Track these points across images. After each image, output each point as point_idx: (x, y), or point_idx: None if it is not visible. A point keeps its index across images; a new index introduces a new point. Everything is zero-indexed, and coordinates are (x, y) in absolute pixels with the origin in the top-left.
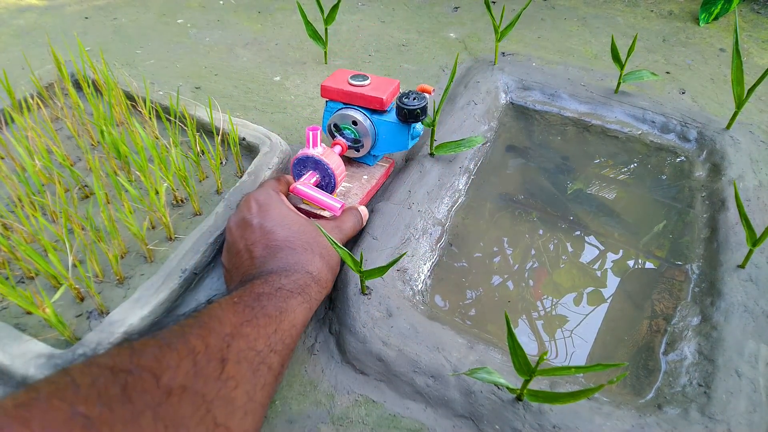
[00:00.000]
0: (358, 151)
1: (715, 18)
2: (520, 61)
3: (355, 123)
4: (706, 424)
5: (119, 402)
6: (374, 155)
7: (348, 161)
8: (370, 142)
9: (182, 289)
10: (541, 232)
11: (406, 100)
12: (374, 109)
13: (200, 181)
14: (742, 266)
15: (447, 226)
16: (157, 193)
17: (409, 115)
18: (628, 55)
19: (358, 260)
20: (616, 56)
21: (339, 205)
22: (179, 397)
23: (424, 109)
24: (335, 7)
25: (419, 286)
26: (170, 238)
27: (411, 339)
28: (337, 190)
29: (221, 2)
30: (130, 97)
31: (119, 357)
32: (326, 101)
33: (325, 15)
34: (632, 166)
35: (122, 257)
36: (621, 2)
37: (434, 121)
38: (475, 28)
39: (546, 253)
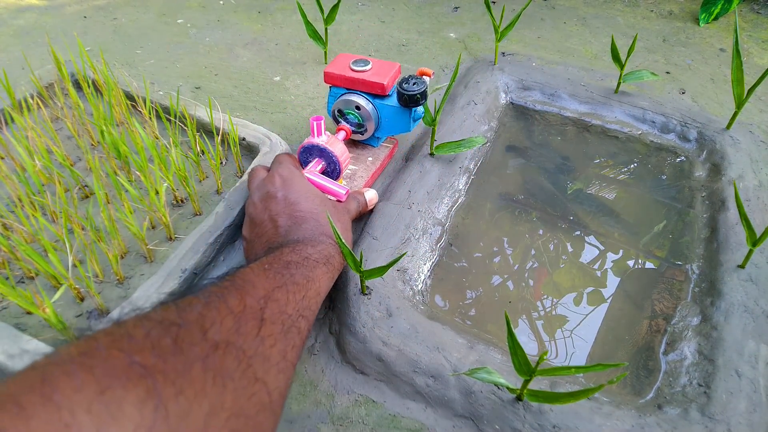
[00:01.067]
0: (362, 134)
1: (715, 18)
2: (520, 61)
3: (358, 108)
4: (706, 424)
5: (171, 353)
6: (377, 137)
7: (353, 143)
8: (373, 125)
9: (182, 289)
10: (541, 232)
11: (406, 85)
12: (376, 94)
13: (200, 181)
14: (742, 266)
15: (447, 226)
16: (157, 193)
17: (409, 100)
18: (628, 55)
19: (358, 260)
20: (616, 56)
21: (344, 192)
22: (224, 351)
23: (423, 94)
24: (335, 7)
25: (419, 286)
26: (170, 238)
27: (411, 339)
28: (343, 174)
29: (221, 2)
30: (130, 97)
31: (167, 313)
32: (330, 87)
33: (325, 15)
34: (632, 166)
35: (122, 257)
36: (621, 2)
37: (435, 121)
38: (475, 28)
39: (546, 253)
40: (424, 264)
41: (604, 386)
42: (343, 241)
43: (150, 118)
